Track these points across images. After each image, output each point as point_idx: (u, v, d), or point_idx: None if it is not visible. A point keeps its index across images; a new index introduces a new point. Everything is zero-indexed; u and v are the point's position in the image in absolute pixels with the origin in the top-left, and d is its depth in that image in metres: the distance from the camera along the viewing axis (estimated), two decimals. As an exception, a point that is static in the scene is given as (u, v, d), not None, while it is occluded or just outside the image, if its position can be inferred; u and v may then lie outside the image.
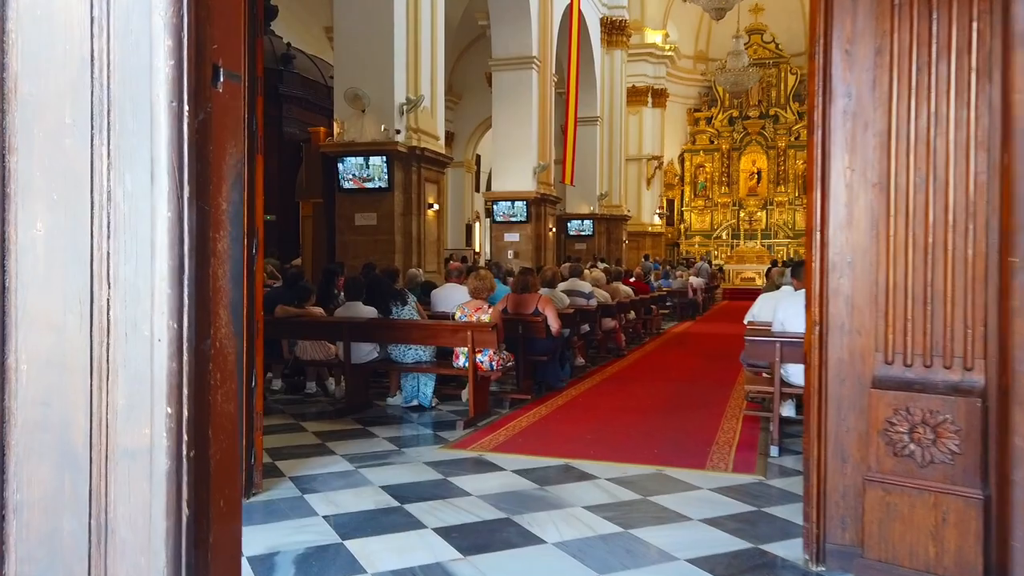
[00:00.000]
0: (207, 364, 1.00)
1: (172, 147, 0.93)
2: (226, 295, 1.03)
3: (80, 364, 1.02)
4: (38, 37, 1.03)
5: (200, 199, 0.97)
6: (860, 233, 2.92)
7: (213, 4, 0.99)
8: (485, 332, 5.59)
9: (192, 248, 0.95)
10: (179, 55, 0.94)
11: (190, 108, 0.94)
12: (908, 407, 2.74)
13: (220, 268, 1.02)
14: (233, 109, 1.05)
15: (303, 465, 4.47)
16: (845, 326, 2.96)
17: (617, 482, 4.19)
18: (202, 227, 0.98)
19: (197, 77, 0.96)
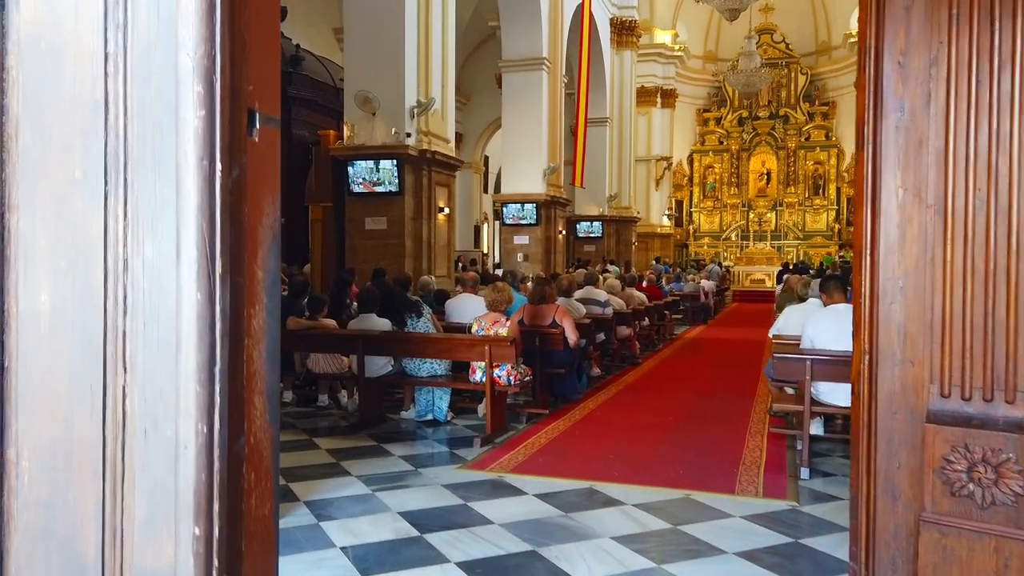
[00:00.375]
0: (240, 467, 0.84)
1: (202, 214, 0.78)
2: (261, 380, 0.88)
3: (91, 463, 0.86)
4: (43, 74, 0.88)
5: (234, 272, 0.82)
6: (913, 256, 2.75)
7: (249, 39, 0.83)
8: (503, 346, 5.44)
9: (225, 334, 0.80)
10: (211, 103, 0.78)
11: (223, 166, 0.79)
12: (967, 444, 2.57)
13: (255, 349, 0.87)
14: (270, 159, 0.89)
15: (318, 488, 4.32)
16: (896, 355, 2.79)
17: (644, 508, 4.03)
18: (236, 306, 0.82)
19: (232, 128, 0.80)
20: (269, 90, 0.88)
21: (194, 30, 0.78)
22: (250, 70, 0.84)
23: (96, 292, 0.86)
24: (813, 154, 27.84)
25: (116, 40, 0.83)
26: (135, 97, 0.82)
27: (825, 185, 27.73)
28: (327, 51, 16.71)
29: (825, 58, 28.04)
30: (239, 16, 0.82)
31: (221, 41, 0.79)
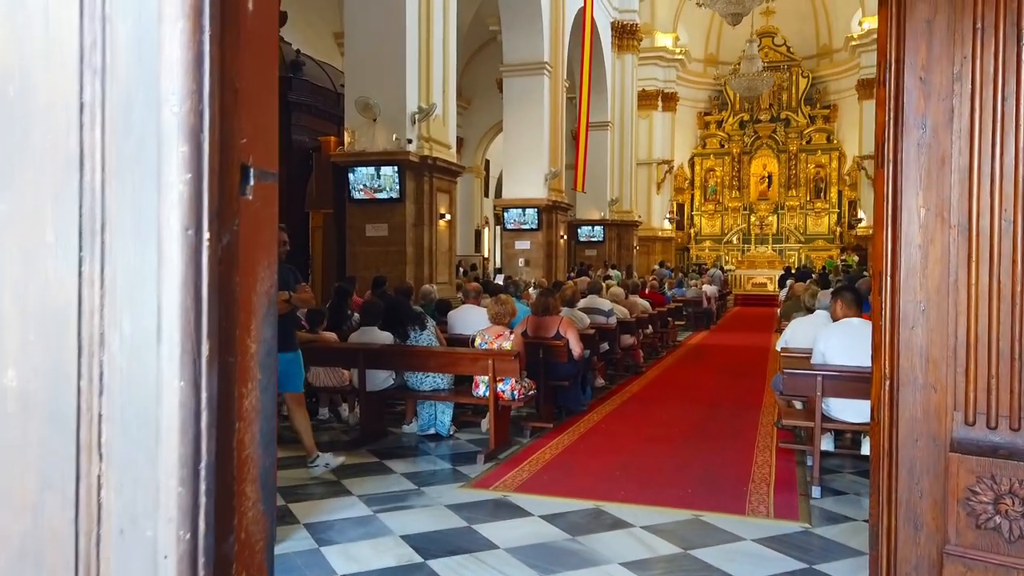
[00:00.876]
0: (229, 568, 0.74)
1: (187, 291, 0.68)
2: (254, 465, 0.78)
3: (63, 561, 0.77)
4: (10, 123, 0.78)
5: (223, 351, 0.72)
6: (936, 279, 2.65)
7: (243, 86, 0.74)
8: (507, 360, 5.34)
9: (212, 424, 0.70)
10: (197, 165, 0.68)
11: (211, 234, 0.69)
12: (993, 475, 2.48)
13: (247, 432, 0.77)
14: (267, 218, 0.79)
15: (318, 508, 4.22)
16: (919, 380, 2.69)
17: (653, 531, 3.92)
18: (225, 388, 0.73)
19: (222, 189, 0.71)
20: (265, 142, 0.78)
21: (179, 82, 0.68)
22: (243, 121, 0.75)
23: (69, 368, 0.76)
24: (814, 157, 27.75)
25: (93, 87, 0.74)
26: (114, 152, 0.73)
27: (827, 188, 27.65)
28: (328, 56, 16.61)
29: (826, 61, 27.96)
30: (231, 63, 0.72)
31: (210, 93, 0.69)
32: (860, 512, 4.19)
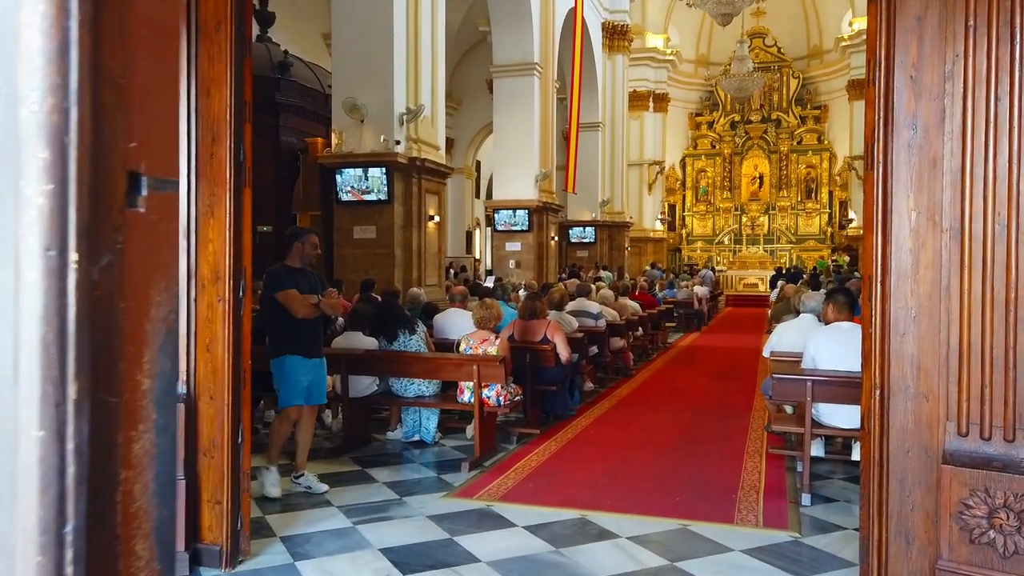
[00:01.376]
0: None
1: (47, 322, 0.58)
2: (147, 520, 0.68)
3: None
4: None
5: (102, 391, 0.61)
6: (927, 285, 2.57)
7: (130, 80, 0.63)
8: (492, 366, 5.24)
9: (80, 479, 0.59)
10: (62, 174, 0.58)
11: (81, 255, 0.59)
12: (987, 488, 2.39)
13: (137, 483, 0.66)
14: (165, 234, 0.69)
15: (296, 521, 4.11)
16: (910, 390, 2.61)
17: (639, 541, 3.83)
18: (104, 434, 0.62)
19: (96, 202, 0.60)
20: (161, 146, 0.68)
21: (39, 76, 0.58)
22: (132, 122, 0.64)
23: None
24: (805, 158, 27.74)
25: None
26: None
27: (817, 189, 27.65)
28: (316, 57, 16.48)
29: (817, 62, 27.96)
30: (111, 53, 0.61)
31: (79, 88, 0.59)
32: (851, 520, 4.10)
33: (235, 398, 3.35)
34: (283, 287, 4.44)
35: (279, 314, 4.46)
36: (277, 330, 4.54)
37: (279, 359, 4.51)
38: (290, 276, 4.51)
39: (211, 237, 3.31)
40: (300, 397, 4.54)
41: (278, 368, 4.53)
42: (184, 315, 3.32)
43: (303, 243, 4.57)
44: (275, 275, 4.53)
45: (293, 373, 4.49)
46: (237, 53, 3.27)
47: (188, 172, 3.29)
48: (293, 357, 4.49)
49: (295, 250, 4.56)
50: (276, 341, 4.55)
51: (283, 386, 4.56)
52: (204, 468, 3.40)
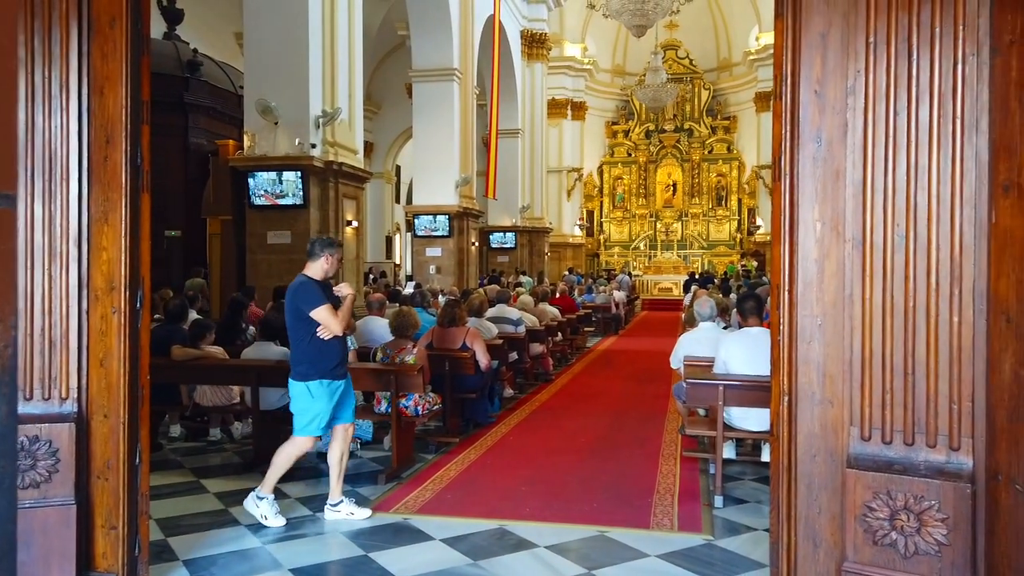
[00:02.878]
0: None
1: None
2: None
3: None
4: None
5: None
6: (831, 293, 2.64)
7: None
8: (410, 375, 5.14)
9: None
10: None
11: None
12: (889, 490, 2.47)
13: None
14: (3, 253, 0.60)
15: (201, 542, 3.90)
16: (816, 395, 2.67)
17: (557, 550, 3.81)
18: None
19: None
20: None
21: None
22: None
23: None
24: (716, 166, 28.67)
25: None
26: None
27: (727, 196, 28.61)
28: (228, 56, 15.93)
29: (726, 74, 28.97)
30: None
31: None
32: (761, 521, 4.21)
33: (132, 416, 3.15)
34: (317, 303, 4.05)
35: (304, 333, 4.08)
36: (302, 351, 4.11)
37: (306, 383, 4.10)
38: (321, 291, 4.12)
39: (105, 245, 3.11)
40: (319, 428, 4.16)
41: (299, 393, 4.13)
42: (75, 328, 3.10)
43: (332, 255, 4.17)
44: (306, 290, 4.10)
45: (317, 401, 4.10)
46: (133, 50, 3.08)
47: (80, 176, 3.08)
48: (319, 383, 4.10)
49: (319, 262, 4.16)
50: (300, 363, 4.12)
51: (305, 414, 4.13)
52: (98, 491, 3.18)
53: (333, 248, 4.22)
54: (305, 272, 4.20)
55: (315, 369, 4.09)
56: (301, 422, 4.16)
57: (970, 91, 2.37)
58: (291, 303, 4.15)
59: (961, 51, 2.37)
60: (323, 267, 4.17)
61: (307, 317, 4.06)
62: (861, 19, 2.52)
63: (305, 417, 4.13)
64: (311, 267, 4.18)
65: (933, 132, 2.42)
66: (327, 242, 4.27)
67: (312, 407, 4.11)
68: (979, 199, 2.38)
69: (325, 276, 4.20)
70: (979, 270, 2.38)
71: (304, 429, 4.15)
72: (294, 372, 4.16)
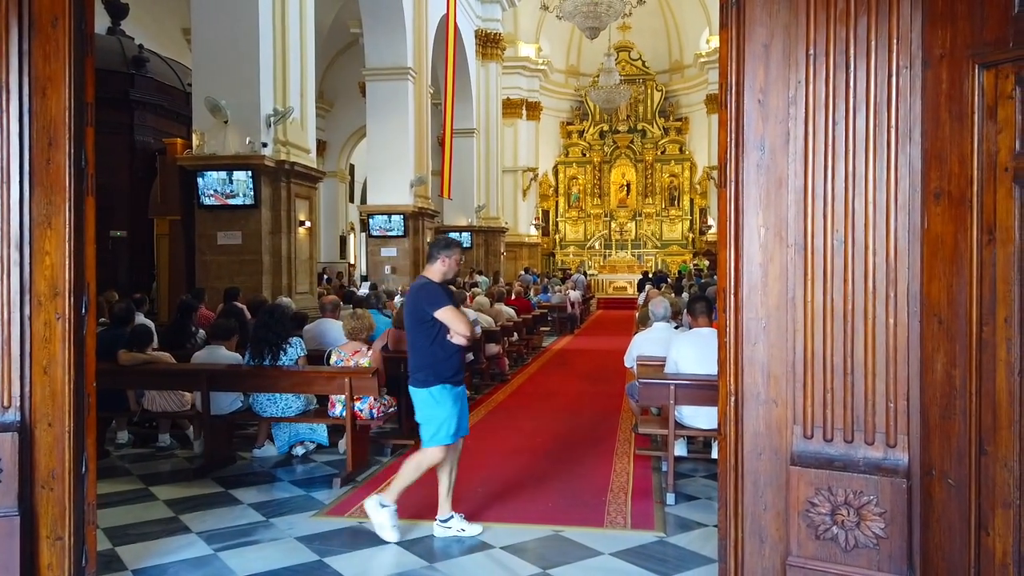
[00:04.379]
0: None
1: None
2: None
3: None
4: None
5: None
6: (775, 296, 2.73)
7: None
8: (364, 378, 5.11)
9: None
10: None
11: None
12: (830, 486, 2.56)
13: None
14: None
15: (150, 551, 3.83)
16: (761, 395, 2.76)
17: (512, 551, 3.85)
18: None
19: None
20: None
21: None
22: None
23: None
24: (668, 167, 29.08)
25: None
26: None
27: (680, 197, 29.05)
28: (175, 52, 15.59)
29: (678, 76, 29.42)
30: None
31: None
32: (712, 517, 4.30)
33: (77, 424, 3.08)
34: (442, 303, 3.88)
35: (426, 336, 3.92)
36: (425, 355, 3.94)
37: (428, 390, 3.94)
38: (446, 292, 3.99)
39: (48, 250, 3.03)
40: (449, 436, 3.98)
41: (427, 400, 3.96)
42: (17, 334, 3.02)
43: (449, 256, 4.02)
44: (431, 291, 3.95)
45: (442, 407, 3.94)
46: (77, 50, 3.01)
47: (21, 179, 3.00)
48: (444, 387, 3.95)
49: (436, 264, 4.02)
50: (420, 368, 3.96)
51: (432, 422, 3.96)
52: (42, 501, 3.10)
53: (451, 249, 4.07)
54: (425, 274, 4.10)
55: (435, 375, 3.95)
56: (428, 431, 3.99)
57: (904, 102, 2.47)
58: (413, 305, 4.01)
59: (896, 64, 2.47)
60: (441, 269, 4.03)
61: (430, 319, 3.90)
62: (801, 31, 2.61)
63: (432, 425, 3.97)
64: (430, 269, 4.06)
65: (870, 141, 2.52)
66: (444, 243, 4.13)
67: (438, 413, 3.95)
68: (912, 206, 2.48)
69: (444, 278, 4.07)
70: (913, 274, 2.49)
71: (433, 439, 3.97)
72: (413, 379, 4.00)
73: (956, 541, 2.36)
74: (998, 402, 2.23)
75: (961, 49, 2.33)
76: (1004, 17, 2.21)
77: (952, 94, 2.36)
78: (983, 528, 2.27)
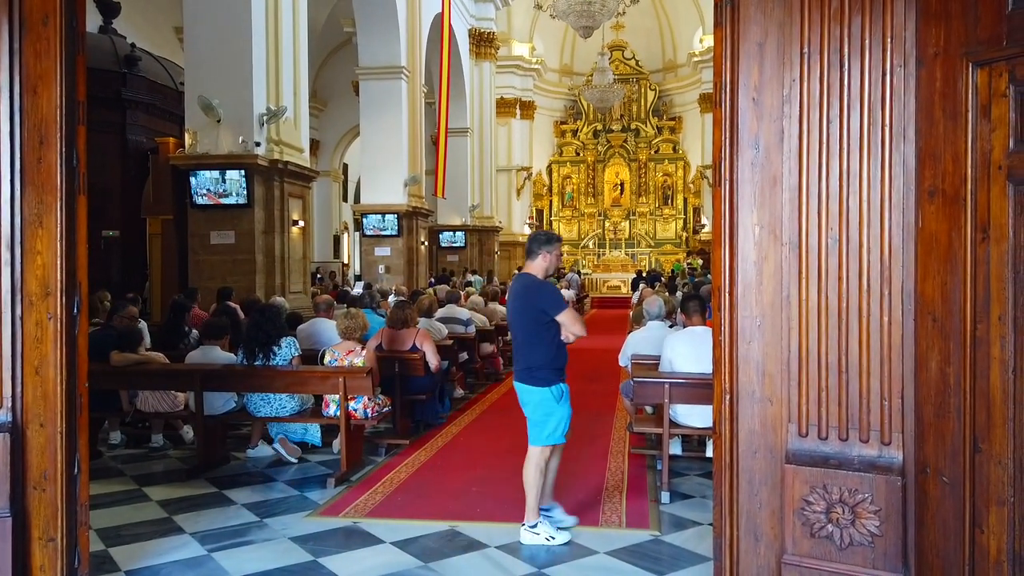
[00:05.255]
0: None
1: None
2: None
3: None
4: None
5: None
6: (770, 295, 2.73)
7: None
8: (359, 378, 5.10)
9: None
10: None
11: None
12: (825, 484, 2.57)
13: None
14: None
15: (143, 551, 3.81)
16: (756, 394, 2.76)
17: (507, 550, 3.85)
18: None
19: None
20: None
21: None
22: None
23: None
24: (662, 166, 29.10)
25: None
26: None
27: (673, 195, 29.07)
28: (168, 51, 15.51)
29: (672, 75, 29.44)
30: None
31: None
32: (706, 516, 4.31)
33: (70, 425, 3.06)
34: (564, 307, 3.87)
35: (547, 335, 3.90)
36: (543, 354, 3.91)
37: (550, 388, 3.93)
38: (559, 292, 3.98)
39: (40, 249, 3.01)
40: (562, 435, 4.00)
41: (543, 399, 3.94)
42: (8, 335, 3.00)
43: (551, 251, 3.98)
44: (550, 292, 3.96)
45: (563, 406, 3.95)
46: (68, 49, 2.99)
47: (12, 178, 2.98)
48: (560, 386, 3.95)
49: (538, 260, 3.98)
50: (541, 367, 3.93)
51: (550, 420, 3.95)
52: (35, 502, 3.08)
53: (552, 244, 4.03)
54: (526, 271, 4.07)
55: (555, 373, 3.95)
56: (544, 431, 3.97)
57: (898, 100, 2.48)
58: (530, 303, 3.94)
59: (889, 62, 2.48)
60: (543, 265, 4.01)
61: (549, 319, 3.89)
62: (796, 30, 2.61)
63: (549, 424, 3.96)
64: (531, 266, 4.03)
65: (864, 139, 2.53)
66: (545, 239, 4.07)
67: (557, 412, 3.94)
68: (907, 204, 2.49)
69: (546, 274, 4.06)
70: (907, 272, 2.49)
71: (549, 437, 3.97)
72: (533, 378, 3.96)
73: (951, 539, 2.37)
74: (992, 400, 2.23)
75: (955, 47, 2.33)
76: (998, 15, 2.22)
77: (946, 92, 2.36)
78: (977, 525, 2.28)
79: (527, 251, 4.11)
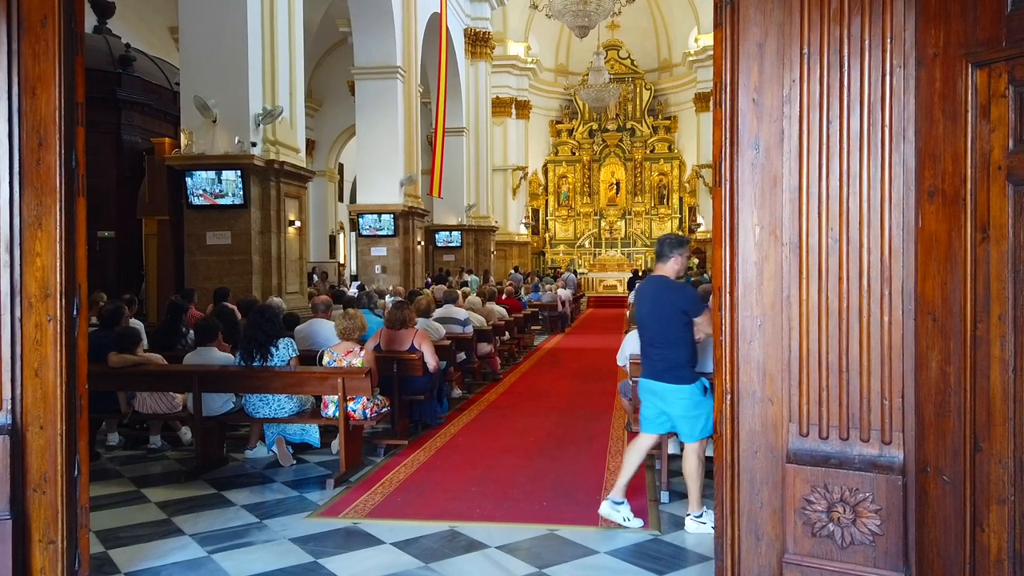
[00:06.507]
0: None
1: None
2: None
3: None
4: None
5: None
6: (770, 295, 2.74)
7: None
8: (357, 378, 5.09)
9: None
10: None
11: None
12: (826, 484, 2.58)
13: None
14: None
15: (143, 553, 3.81)
16: (756, 394, 2.77)
17: (507, 550, 3.85)
18: None
19: None
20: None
21: None
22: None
23: None
24: (658, 165, 29.15)
25: None
26: None
27: (669, 195, 29.12)
28: (163, 51, 15.50)
29: (667, 75, 29.48)
30: None
31: None
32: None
33: (70, 427, 3.06)
34: (703, 309, 4.01)
35: (689, 335, 4.04)
36: (685, 353, 4.05)
37: (693, 386, 4.04)
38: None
39: (39, 251, 3.01)
40: (711, 428, 3.94)
41: (692, 394, 4.04)
42: (8, 337, 2.99)
43: (681, 254, 4.10)
44: (691, 294, 4.15)
45: (711, 397, 3.96)
46: (67, 50, 2.98)
47: (11, 180, 2.98)
48: (706, 380, 4.03)
49: (670, 263, 4.11)
50: (683, 366, 4.05)
51: (699, 416, 4.05)
52: (35, 505, 3.08)
53: (683, 247, 4.14)
54: (657, 273, 4.19)
55: (694, 370, 4.10)
56: (697, 426, 4.07)
57: (898, 101, 2.49)
58: (670, 304, 4.06)
59: (889, 63, 2.48)
60: (675, 267, 4.13)
61: (690, 320, 4.02)
62: (796, 30, 2.62)
63: (701, 419, 4.05)
64: (663, 268, 4.15)
65: (864, 140, 2.53)
66: (676, 242, 4.18)
67: (705, 405, 4.02)
68: (907, 204, 2.50)
69: (677, 276, 4.16)
70: (907, 272, 2.50)
71: (703, 430, 4.06)
72: (678, 376, 4.05)
73: (951, 537, 2.38)
74: (992, 399, 2.25)
75: (954, 48, 2.34)
76: (997, 16, 2.23)
77: (946, 93, 2.37)
78: (978, 524, 2.29)
79: (657, 254, 4.24)
